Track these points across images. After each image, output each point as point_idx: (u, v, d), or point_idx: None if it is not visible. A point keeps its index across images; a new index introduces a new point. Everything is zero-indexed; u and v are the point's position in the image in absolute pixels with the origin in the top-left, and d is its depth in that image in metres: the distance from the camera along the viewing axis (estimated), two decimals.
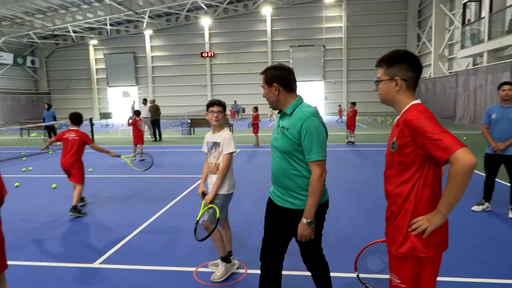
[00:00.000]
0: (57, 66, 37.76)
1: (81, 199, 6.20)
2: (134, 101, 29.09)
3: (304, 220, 2.38)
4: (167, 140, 16.60)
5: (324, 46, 33.65)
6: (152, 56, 36.00)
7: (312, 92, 34.70)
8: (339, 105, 28.84)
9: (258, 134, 13.91)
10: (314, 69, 34.27)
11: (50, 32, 33.21)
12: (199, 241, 3.28)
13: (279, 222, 2.60)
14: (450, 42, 25.46)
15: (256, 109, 14.08)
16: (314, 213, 2.36)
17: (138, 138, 10.86)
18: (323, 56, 33.88)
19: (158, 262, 3.94)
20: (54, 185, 7.65)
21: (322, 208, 2.52)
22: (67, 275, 3.73)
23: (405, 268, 1.94)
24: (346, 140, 13.82)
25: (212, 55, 34.69)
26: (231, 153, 3.44)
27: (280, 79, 2.47)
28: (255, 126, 13.77)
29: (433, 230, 1.84)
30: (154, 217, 5.53)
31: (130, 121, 10.97)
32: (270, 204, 2.70)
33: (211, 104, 3.51)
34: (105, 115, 31.55)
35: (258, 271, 3.63)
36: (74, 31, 33.82)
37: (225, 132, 3.52)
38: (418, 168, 1.85)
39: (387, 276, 2.18)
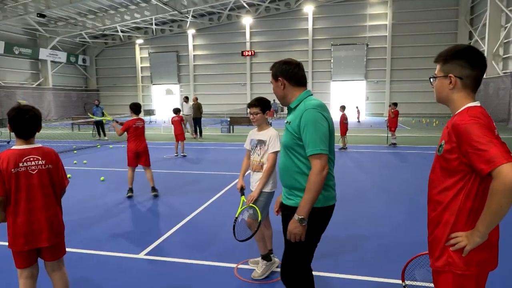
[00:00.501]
0: (105, 64, 39.67)
1: (130, 190, 6.63)
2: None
3: (296, 216, 2.20)
4: (207, 137, 16.93)
5: (367, 45, 32.76)
6: (194, 55, 36.83)
7: (353, 92, 33.94)
8: (356, 106, 27.85)
9: None
10: (356, 68, 33.48)
11: (100, 32, 34.97)
12: (240, 241, 3.32)
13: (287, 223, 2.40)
14: (506, 41, 23.87)
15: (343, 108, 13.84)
16: (307, 211, 2.17)
17: (179, 135, 11.17)
18: (366, 55, 33.00)
19: (199, 257, 4.03)
20: (102, 178, 8.04)
21: (322, 213, 2.32)
22: (114, 264, 3.91)
23: (444, 283, 1.79)
24: (389, 142, 13.38)
25: (253, 54, 34.91)
26: (276, 152, 3.43)
27: (286, 73, 2.38)
28: None
29: (474, 248, 1.69)
30: (196, 212, 5.65)
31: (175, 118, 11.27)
32: (282, 205, 2.57)
33: (249, 105, 3.58)
34: (149, 112, 32.70)
35: None
36: (122, 31, 35.37)
37: (271, 130, 3.52)
38: (463, 177, 1.69)
39: None
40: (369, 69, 33.32)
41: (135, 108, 6.61)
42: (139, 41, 37.38)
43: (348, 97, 33.78)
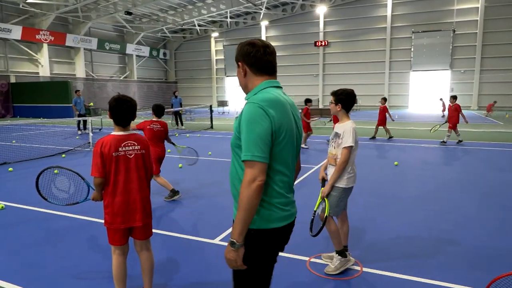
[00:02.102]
0: (183, 58, 41.84)
1: (175, 192, 5.97)
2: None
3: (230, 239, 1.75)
4: None
5: (454, 31, 29.95)
6: None
7: (436, 82, 31.40)
8: (441, 98, 24.90)
9: (387, 127, 13.10)
10: (440, 57, 30.85)
11: (179, 27, 36.90)
12: (312, 236, 3.27)
13: None
14: None
15: (385, 100, 13.18)
16: (239, 233, 1.70)
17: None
18: (452, 42, 30.22)
19: None
20: (180, 165, 8.52)
21: (260, 236, 1.80)
22: (191, 247, 4.12)
23: None
24: (456, 139, 11.94)
25: (326, 44, 34.06)
26: (350, 147, 3.30)
27: (247, 57, 1.87)
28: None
29: None
30: None
31: None
32: None
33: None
34: (222, 103, 33.84)
35: (375, 270, 3.48)
36: (199, 25, 36.89)
37: (347, 124, 3.39)
38: None
39: None
40: (455, 58, 30.49)
41: (157, 110, 5.90)
42: (215, 34, 38.68)
43: (430, 88, 31.38)
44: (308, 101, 11.24)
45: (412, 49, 31.45)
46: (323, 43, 34.07)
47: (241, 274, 1.87)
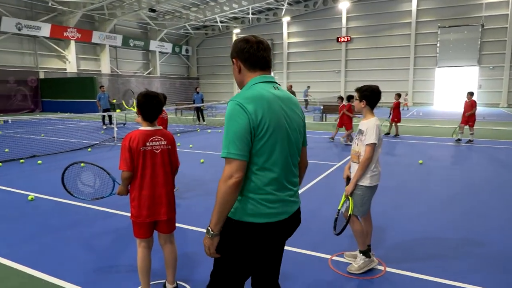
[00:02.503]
0: (205, 54, 42.13)
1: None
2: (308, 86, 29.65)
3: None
4: None
5: (483, 26, 28.92)
6: (288, 43, 36.85)
7: (463, 79, 30.42)
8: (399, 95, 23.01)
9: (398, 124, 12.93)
10: (467, 52, 29.86)
11: (202, 23, 37.13)
12: (336, 234, 3.26)
13: None
14: None
15: (399, 96, 13.02)
16: (215, 223, 1.78)
17: (344, 124, 11.35)
18: (480, 37, 29.19)
19: (293, 244, 4.04)
20: (202, 160, 8.61)
21: (240, 228, 1.82)
22: None
23: None
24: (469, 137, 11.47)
25: (348, 40, 33.56)
26: (373, 144, 3.24)
27: (241, 53, 1.90)
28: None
29: None
30: None
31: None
32: None
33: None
34: None
35: (398, 270, 3.43)
36: (221, 21, 37.02)
37: (371, 120, 3.33)
38: None
39: None
40: (484, 53, 29.45)
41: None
42: (236, 30, 38.73)
43: (456, 85, 30.44)
44: (350, 97, 10.91)
45: (438, 45, 30.59)
46: (345, 39, 33.58)
47: (218, 263, 1.92)
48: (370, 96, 3.34)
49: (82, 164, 3.54)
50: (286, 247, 3.92)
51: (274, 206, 1.83)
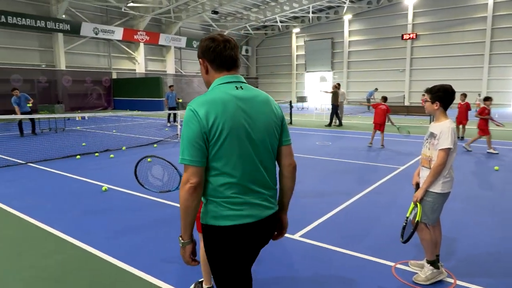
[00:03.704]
0: (264, 54, 42.51)
1: None
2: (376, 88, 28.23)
3: None
4: (357, 126, 16.37)
5: None
6: (349, 41, 35.87)
7: None
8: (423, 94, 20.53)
9: (466, 126, 12.03)
10: None
11: (262, 24, 37.52)
12: (402, 242, 3.12)
13: None
14: None
15: (464, 96, 12.09)
16: (183, 230, 1.78)
17: (377, 124, 10.51)
18: None
19: (354, 248, 3.95)
20: None
21: (213, 232, 1.79)
22: (271, 242, 4.19)
23: None
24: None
25: (415, 37, 31.77)
26: (447, 149, 3.04)
27: (207, 52, 1.83)
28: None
29: None
30: (349, 202, 5.56)
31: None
32: None
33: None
34: (301, 99, 33.70)
35: (470, 285, 3.19)
36: (281, 21, 37.10)
37: (445, 123, 3.12)
38: None
39: None
40: None
41: None
42: (296, 30, 38.56)
43: None
44: (487, 99, 9.83)
45: None
46: (411, 36, 31.85)
47: (214, 270, 1.89)
48: (444, 97, 3.14)
49: (149, 159, 3.76)
50: (344, 250, 3.86)
51: (237, 208, 1.77)
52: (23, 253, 3.85)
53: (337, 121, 16.19)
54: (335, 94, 15.87)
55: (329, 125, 16.09)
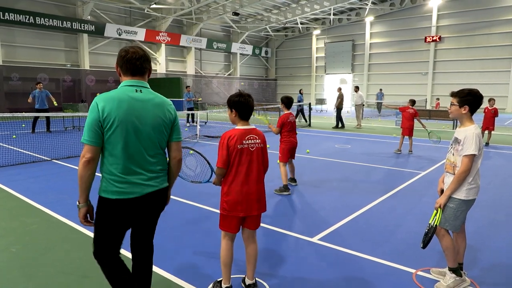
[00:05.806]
0: (284, 56, 42.44)
1: (287, 188, 6.19)
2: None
3: None
4: (376, 129, 16.14)
5: None
6: (370, 43, 35.42)
7: None
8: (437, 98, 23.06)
9: (492, 132, 11.68)
10: None
11: (282, 25, 37.49)
12: (422, 248, 3.07)
13: None
14: None
15: (494, 101, 11.77)
16: (79, 195, 2.28)
17: (406, 129, 9.94)
18: None
19: (373, 253, 3.90)
20: (308, 150, 8.70)
21: (103, 203, 2.30)
22: (289, 242, 4.19)
23: None
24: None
25: (438, 39, 31.07)
26: (471, 155, 2.97)
27: (119, 60, 2.35)
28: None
29: None
30: (370, 206, 5.50)
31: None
32: None
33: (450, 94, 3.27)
34: (320, 101, 33.47)
35: None
36: (301, 23, 36.97)
37: (470, 128, 3.05)
38: None
39: None
40: None
41: (287, 102, 6.13)
42: (316, 32, 38.33)
43: None
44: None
45: None
46: (435, 39, 31.17)
47: (95, 229, 2.37)
48: (473, 101, 3.06)
49: (191, 152, 3.91)
50: (364, 255, 3.82)
51: (121, 186, 2.26)
52: (49, 249, 3.98)
53: (340, 123, 16.68)
54: (339, 97, 16.61)
55: (336, 126, 16.62)
